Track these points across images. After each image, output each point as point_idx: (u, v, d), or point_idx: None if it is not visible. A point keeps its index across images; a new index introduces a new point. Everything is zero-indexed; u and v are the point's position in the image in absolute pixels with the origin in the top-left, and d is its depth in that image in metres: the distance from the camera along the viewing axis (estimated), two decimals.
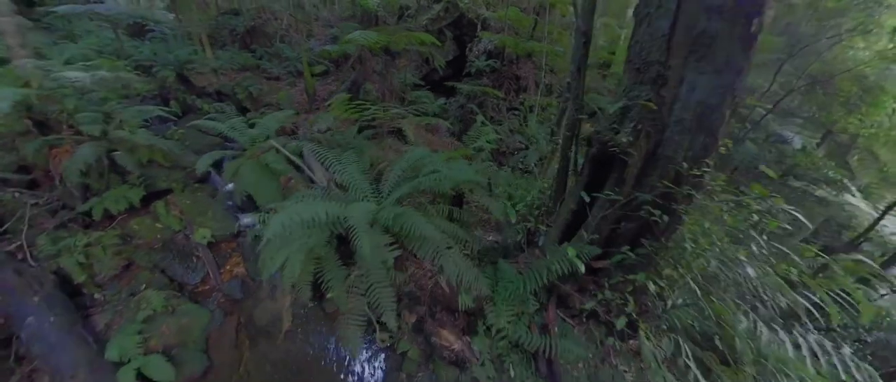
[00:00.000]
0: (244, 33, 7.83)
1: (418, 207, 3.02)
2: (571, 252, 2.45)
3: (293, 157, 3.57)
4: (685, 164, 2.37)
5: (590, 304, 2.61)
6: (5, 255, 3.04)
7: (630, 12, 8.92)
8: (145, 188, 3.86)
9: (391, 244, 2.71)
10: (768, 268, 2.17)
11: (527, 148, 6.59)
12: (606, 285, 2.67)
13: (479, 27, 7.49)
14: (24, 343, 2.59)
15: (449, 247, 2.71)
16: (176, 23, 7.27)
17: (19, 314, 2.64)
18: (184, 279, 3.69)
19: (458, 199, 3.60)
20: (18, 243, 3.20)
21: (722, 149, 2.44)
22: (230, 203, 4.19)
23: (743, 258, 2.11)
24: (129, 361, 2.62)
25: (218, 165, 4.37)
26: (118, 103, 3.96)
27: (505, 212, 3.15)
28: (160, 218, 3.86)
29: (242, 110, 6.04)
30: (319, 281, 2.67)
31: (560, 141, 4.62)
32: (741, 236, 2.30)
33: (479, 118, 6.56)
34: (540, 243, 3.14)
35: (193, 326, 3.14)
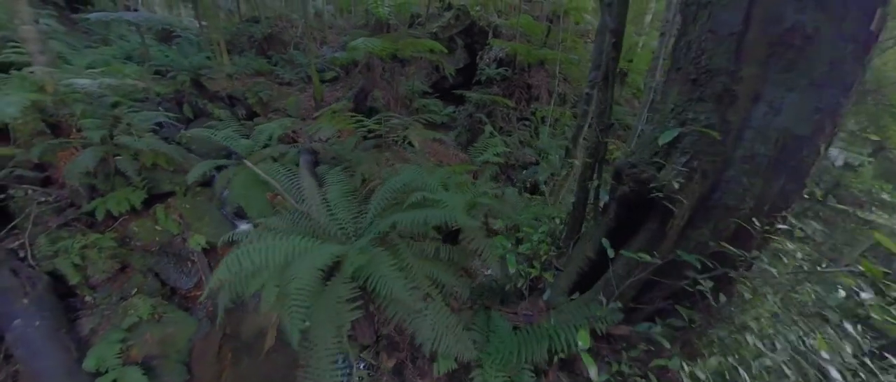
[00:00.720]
0: (261, 40, 8.05)
1: (395, 248, 2.53)
2: (583, 339, 1.85)
3: (266, 176, 3.35)
4: (756, 220, 1.70)
5: (602, 378, 2.00)
6: (6, 253, 3.08)
7: (648, 18, 8.48)
8: (148, 191, 3.89)
9: (356, 299, 2.23)
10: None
11: (537, 163, 6.22)
12: (624, 356, 2.04)
13: (490, 35, 7.32)
14: (10, 345, 2.57)
15: (429, 299, 2.31)
16: (200, 29, 7.56)
17: (8, 315, 2.63)
18: (177, 283, 3.65)
19: (451, 235, 3.08)
20: (22, 241, 3.25)
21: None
22: (226, 209, 4.15)
23: (825, 355, 1.42)
24: (107, 372, 2.54)
25: (222, 169, 4.36)
26: (129, 107, 4.04)
27: (502, 258, 2.64)
28: (159, 221, 3.86)
29: (252, 115, 6.13)
30: None
31: (576, 162, 4.11)
32: (828, 324, 1.58)
33: (487, 128, 6.31)
34: (545, 296, 2.54)
35: (178, 336, 3.06)
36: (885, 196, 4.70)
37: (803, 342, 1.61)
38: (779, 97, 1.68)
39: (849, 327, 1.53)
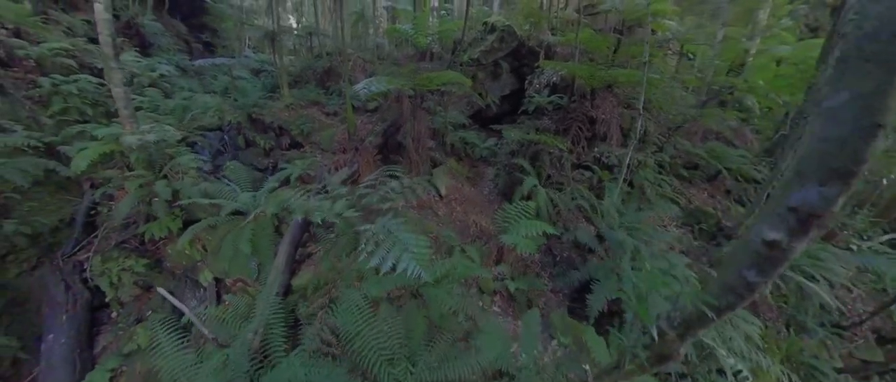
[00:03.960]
0: (322, 73, 9.15)
1: None
2: None
3: (165, 294, 2.91)
4: None
5: None
6: (72, 266, 3.97)
7: (762, 16, 6.18)
8: (184, 220, 4.61)
9: None
10: None
11: (592, 250, 4.14)
12: None
13: (542, 55, 6.55)
14: (40, 355, 3.22)
15: None
16: (275, 66, 9.10)
17: (48, 328, 3.33)
18: (191, 307, 4.15)
19: None
20: (87, 255, 4.19)
21: None
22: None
23: None
24: None
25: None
26: (184, 148, 4.97)
27: None
28: (186, 248, 4.50)
29: (295, 144, 6.87)
30: None
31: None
32: None
33: (528, 182, 4.90)
34: None
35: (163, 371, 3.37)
36: None
37: None
38: None
39: None
